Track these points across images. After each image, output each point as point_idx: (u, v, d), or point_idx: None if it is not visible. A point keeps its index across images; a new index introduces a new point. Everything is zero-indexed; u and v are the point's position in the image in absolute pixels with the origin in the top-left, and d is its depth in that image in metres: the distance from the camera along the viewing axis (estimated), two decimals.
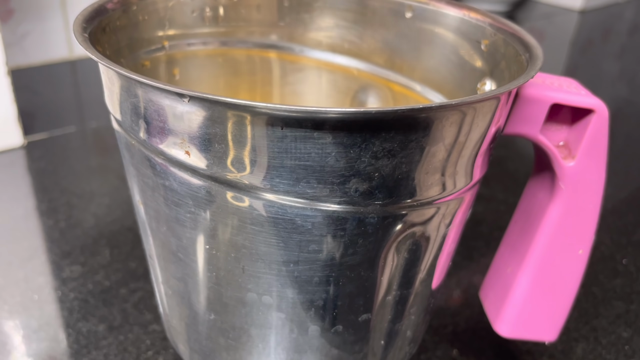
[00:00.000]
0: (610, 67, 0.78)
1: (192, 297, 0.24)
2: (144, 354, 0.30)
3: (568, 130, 0.24)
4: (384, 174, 0.19)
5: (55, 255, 0.37)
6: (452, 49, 0.28)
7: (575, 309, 0.35)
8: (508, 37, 0.25)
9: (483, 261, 0.38)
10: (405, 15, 0.30)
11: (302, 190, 0.19)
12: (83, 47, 0.20)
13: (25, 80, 0.60)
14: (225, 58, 0.32)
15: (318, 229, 0.20)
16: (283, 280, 0.21)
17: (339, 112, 0.17)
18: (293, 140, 0.18)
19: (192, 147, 0.19)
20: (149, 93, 0.19)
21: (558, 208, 0.25)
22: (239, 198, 0.19)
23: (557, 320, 0.28)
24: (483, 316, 0.30)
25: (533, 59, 0.22)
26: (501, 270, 0.28)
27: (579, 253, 0.26)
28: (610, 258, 0.40)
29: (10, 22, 0.61)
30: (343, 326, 0.23)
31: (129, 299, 0.34)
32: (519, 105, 0.23)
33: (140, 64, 0.28)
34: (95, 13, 0.24)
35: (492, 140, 0.21)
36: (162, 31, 0.29)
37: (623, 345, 0.33)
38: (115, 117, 0.22)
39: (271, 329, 0.23)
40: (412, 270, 0.23)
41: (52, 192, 0.43)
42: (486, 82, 0.26)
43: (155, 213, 0.22)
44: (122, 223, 0.40)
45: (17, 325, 0.32)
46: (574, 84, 0.24)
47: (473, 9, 0.27)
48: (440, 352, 0.31)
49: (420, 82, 0.30)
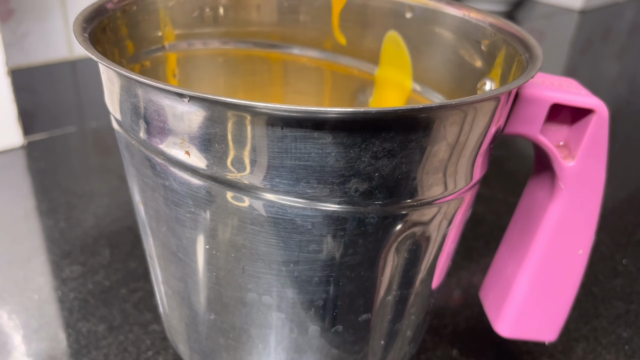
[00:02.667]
0: (610, 67, 0.78)
1: (192, 297, 0.24)
2: (144, 354, 0.30)
3: (568, 130, 0.24)
4: (384, 174, 0.19)
5: (55, 255, 0.37)
6: (452, 49, 0.28)
7: (575, 309, 0.35)
8: (508, 37, 0.25)
9: (483, 261, 0.38)
10: (405, 15, 0.30)
11: (302, 190, 0.19)
12: (83, 47, 0.20)
13: (25, 80, 0.60)
14: (225, 58, 0.32)
15: (318, 229, 0.20)
16: (283, 280, 0.21)
17: (339, 112, 0.17)
18: (293, 140, 0.18)
19: (192, 147, 0.19)
20: (149, 93, 0.19)
21: (558, 208, 0.25)
22: (239, 198, 0.19)
23: (557, 320, 0.28)
24: (483, 316, 0.30)
25: (533, 59, 0.22)
26: (501, 270, 0.28)
27: (579, 253, 0.26)
28: (610, 258, 0.40)
29: (10, 22, 0.61)
30: (343, 326, 0.23)
31: (129, 299, 0.34)
32: (519, 105, 0.23)
33: (140, 64, 0.28)
34: (95, 13, 0.24)
35: (492, 140, 0.21)
36: (162, 31, 0.29)
37: (623, 345, 0.33)
38: (115, 117, 0.22)
39: (271, 329, 0.23)
40: (412, 270, 0.23)
41: (52, 192, 0.43)
42: (486, 82, 0.26)
43: (155, 213, 0.22)
44: (122, 223, 0.40)
45: (17, 325, 0.32)
46: (574, 84, 0.24)
47: (473, 9, 0.27)
48: (440, 352, 0.31)
49: (420, 82, 0.30)
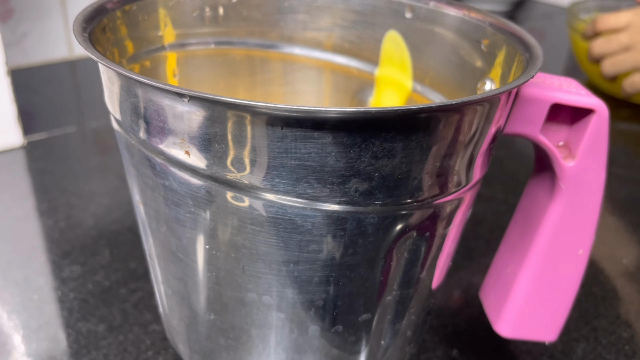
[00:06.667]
0: None
1: (192, 297, 0.24)
2: (144, 354, 0.30)
3: (568, 130, 0.24)
4: (384, 174, 0.19)
5: (55, 255, 0.37)
6: (452, 49, 0.28)
7: (575, 309, 0.35)
8: (508, 37, 0.25)
9: (483, 261, 0.38)
10: (406, 15, 0.30)
11: (302, 190, 0.19)
12: (83, 47, 0.20)
13: (25, 80, 0.60)
14: (225, 58, 0.32)
15: (318, 229, 0.20)
16: (283, 280, 0.21)
17: (339, 112, 0.17)
18: (293, 140, 0.18)
19: (192, 147, 0.19)
20: (148, 93, 0.19)
21: (558, 208, 0.25)
22: (239, 198, 0.19)
23: (557, 320, 0.28)
24: (483, 316, 0.30)
25: (533, 59, 0.22)
26: (501, 270, 0.28)
27: (579, 253, 0.26)
28: (610, 258, 0.40)
29: (10, 22, 0.61)
30: (343, 326, 0.23)
31: (129, 299, 0.34)
32: (519, 105, 0.23)
33: (140, 64, 0.28)
34: (95, 13, 0.24)
35: (492, 140, 0.21)
36: (162, 31, 0.29)
37: (623, 345, 0.33)
38: (115, 117, 0.22)
39: (271, 329, 0.23)
40: (412, 270, 0.22)
41: (51, 192, 0.43)
42: (486, 82, 0.26)
43: (155, 213, 0.22)
44: (122, 223, 0.40)
45: (17, 325, 0.32)
46: (574, 84, 0.24)
47: (473, 9, 0.27)
48: (440, 352, 0.31)
49: (420, 82, 0.30)
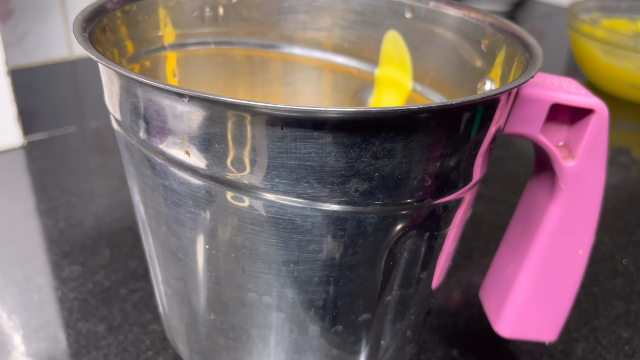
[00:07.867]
0: None
1: (192, 297, 0.24)
2: (144, 354, 0.30)
3: (568, 130, 0.24)
4: (384, 174, 0.19)
5: (55, 255, 0.37)
6: (452, 49, 0.28)
7: (575, 309, 0.35)
8: (508, 37, 0.25)
9: (483, 261, 0.38)
10: (405, 15, 0.30)
11: (302, 190, 0.19)
12: (83, 47, 0.20)
13: (25, 80, 0.60)
14: (225, 58, 0.32)
15: (318, 229, 0.20)
16: (283, 280, 0.21)
17: (339, 112, 0.17)
18: (293, 140, 0.18)
19: (192, 147, 0.19)
20: (148, 93, 0.19)
21: (558, 208, 0.25)
22: (239, 198, 0.19)
23: (557, 320, 0.28)
24: (483, 316, 0.30)
25: (533, 59, 0.22)
26: (501, 270, 0.28)
27: (579, 253, 0.26)
28: (610, 258, 0.40)
29: (10, 22, 0.61)
30: (343, 326, 0.23)
31: (129, 299, 0.34)
32: (519, 105, 0.23)
33: (140, 64, 0.28)
34: (95, 13, 0.24)
35: (492, 140, 0.21)
36: (162, 31, 0.29)
37: (623, 345, 0.33)
38: (115, 117, 0.22)
39: (271, 329, 0.23)
40: (412, 270, 0.23)
41: (51, 192, 0.43)
42: (486, 82, 0.26)
43: (155, 213, 0.22)
44: (122, 223, 0.40)
45: (17, 325, 0.32)
46: (574, 84, 0.24)
47: (473, 9, 0.27)
48: (440, 352, 0.31)
49: (420, 82, 0.30)
